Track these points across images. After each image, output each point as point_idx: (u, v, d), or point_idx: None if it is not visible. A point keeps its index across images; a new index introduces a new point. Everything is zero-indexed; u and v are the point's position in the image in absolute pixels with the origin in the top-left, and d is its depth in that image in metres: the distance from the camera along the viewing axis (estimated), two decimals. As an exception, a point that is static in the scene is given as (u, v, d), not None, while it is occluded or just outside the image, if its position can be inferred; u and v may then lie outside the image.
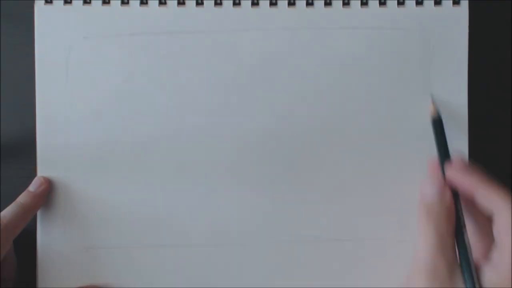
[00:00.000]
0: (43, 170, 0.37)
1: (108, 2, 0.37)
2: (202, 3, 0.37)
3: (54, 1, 0.37)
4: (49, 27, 0.37)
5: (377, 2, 0.37)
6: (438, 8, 0.37)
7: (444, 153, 0.35)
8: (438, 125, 0.35)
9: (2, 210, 0.38)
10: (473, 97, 0.37)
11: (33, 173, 0.37)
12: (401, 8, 0.37)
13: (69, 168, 0.37)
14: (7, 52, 0.39)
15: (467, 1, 0.37)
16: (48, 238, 0.37)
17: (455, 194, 0.33)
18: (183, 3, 0.37)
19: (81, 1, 0.37)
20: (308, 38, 0.37)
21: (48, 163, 0.37)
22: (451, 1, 0.37)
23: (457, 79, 0.37)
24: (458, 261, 0.31)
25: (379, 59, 0.37)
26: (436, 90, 0.37)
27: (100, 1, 0.37)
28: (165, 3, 0.37)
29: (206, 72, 0.37)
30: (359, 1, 0.37)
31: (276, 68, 0.37)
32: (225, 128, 0.37)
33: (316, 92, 0.37)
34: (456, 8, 0.37)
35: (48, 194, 0.37)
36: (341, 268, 0.37)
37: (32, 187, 0.36)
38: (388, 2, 0.37)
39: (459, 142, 0.37)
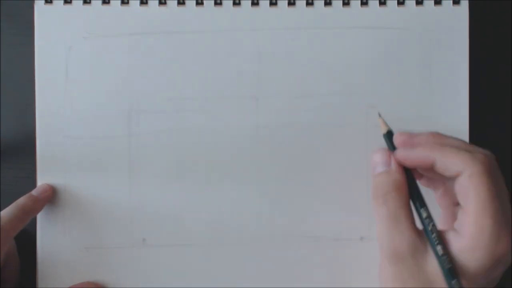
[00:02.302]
0: (43, 170, 0.37)
1: (108, 2, 0.37)
2: (202, 3, 0.37)
3: (54, 1, 0.37)
4: (49, 27, 0.37)
5: (377, 1, 0.37)
6: (438, 7, 0.37)
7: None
8: (389, 138, 0.34)
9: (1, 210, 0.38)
10: (473, 97, 0.37)
11: (33, 173, 0.37)
12: (401, 8, 0.37)
13: (69, 168, 0.37)
14: (7, 52, 0.39)
15: (467, 1, 0.37)
16: (48, 238, 0.37)
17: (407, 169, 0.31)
18: (183, 3, 0.37)
19: (81, 1, 0.37)
20: (308, 38, 0.37)
21: (48, 163, 0.37)
22: (451, 1, 0.37)
23: (458, 78, 0.37)
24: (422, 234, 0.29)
25: (379, 58, 0.37)
26: (436, 89, 0.37)
27: (100, 1, 0.37)
28: (165, 3, 0.37)
29: (206, 72, 0.37)
30: (359, 1, 0.37)
31: (276, 68, 0.37)
32: (225, 128, 0.37)
33: (316, 91, 0.37)
34: (456, 7, 0.37)
35: (48, 202, 0.37)
36: (341, 268, 0.37)
37: (36, 191, 0.36)
38: (388, 2, 0.37)
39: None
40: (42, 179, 0.37)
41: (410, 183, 0.31)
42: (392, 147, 0.32)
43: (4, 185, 0.39)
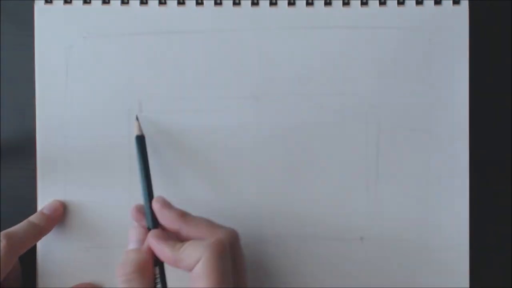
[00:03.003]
0: (43, 170, 0.37)
1: (108, 2, 0.37)
2: (202, 3, 0.37)
3: (54, 1, 0.37)
4: (49, 27, 0.37)
5: (377, 1, 0.37)
6: (438, 7, 0.37)
7: (148, 189, 0.34)
8: (140, 142, 0.35)
9: (2, 212, 0.38)
10: (473, 97, 0.37)
11: (33, 173, 0.37)
12: (401, 8, 0.37)
13: (69, 167, 0.37)
14: (7, 52, 0.39)
15: (467, 1, 0.37)
16: (48, 238, 0.36)
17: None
18: (183, 3, 0.37)
19: (81, 1, 0.37)
20: (308, 38, 0.37)
21: (48, 163, 0.37)
22: (451, 1, 0.37)
23: (458, 78, 0.37)
24: None
25: (379, 58, 0.37)
26: (436, 89, 0.37)
27: (100, 1, 0.37)
28: (165, 3, 0.37)
29: (206, 72, 0.37)
30: (359, 1, 0.37)
31: (276, 68, 0.37)
32: (225, 128, 0.37)
33: (316, 91, 0.37)
34: (456, 7, 0.37)
35: (60, 221, 0.37)
36: (341, 268, 0.37)
37: (47, 210, 0.36)
38: (388, 2, 0.37)
39: (459, 142, 0.37)
40: (42, 179, 0.37)
41: (157, 262, 0.32)
42: (140, 155, 0.34)
43: (4, 185, 0.39)
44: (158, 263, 0.32)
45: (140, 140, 0.35)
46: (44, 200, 0.37)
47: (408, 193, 0.37)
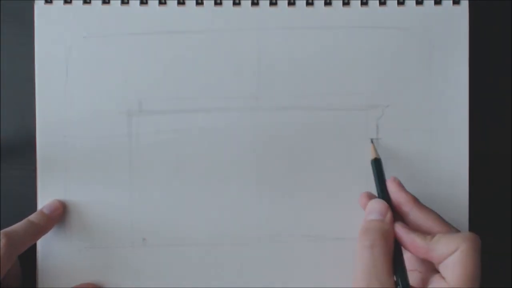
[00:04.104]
0: (43, 170, 0.37)
1: (108, 2, 0.37)
2: (202, 3, 0.37)
3: (54, 1, 0.37)
4: (49, 27, 0.37)
5: (377, 1, 0.37)
6: (438, 7, 0.37)
7: (382, 189, 0.34)
8: (377, 165, 0.35)
9: (2, 212, 0.38)
10: (473, 97, 0.37)
11: (33, 173, 0.37)
12: (401, 8, 0.37)
13: (69, 167, 0.37)
14: (7, 52, 0.39)
15: (467, 1, 0.37)
16: (48, 238, 0.37)
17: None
18: (183, 3, 0.37)
19: (81, 1, 0.37)
20: (308, 38, 0.37)
21: (48, 163, 0.37)
22: (451, 1, 0.37)
23: (458, 78, 0.37)
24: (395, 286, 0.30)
25: (379, 58, 0.37)
26: (436, 89, 0.37)
27: (100, 1, 0.37)
28: (165, 3, 0.37)
29: (206, 72, 0.37)
30: (359, 1, 0.37)
31: (276, 68, 0.37)
32: (225, 128, 0.37)
33: (316, 91, 0.37)
34: (456, 7, 0.37)
35: (60, 221, 0.37)
36: (341, 268, 0.37)
37: (47, 209, 0.36)
38: (388, 2, 0.37)
39: (459, 142, 0.37)
40: (42, 179, 0.37)
41: (396, 241, 0.32)
42: (377, 176, 0.35)
43: (4, 185, 0.39)
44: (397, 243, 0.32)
45: (376, 164, 0.35)
46: (44, 200, 0.37)
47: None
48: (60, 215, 0.37)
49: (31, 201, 0.37)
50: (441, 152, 0.37)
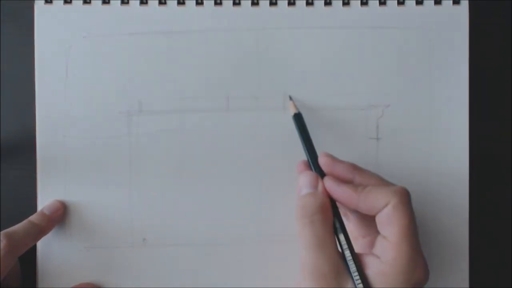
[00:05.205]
0: (43, 170, 0.37)
1: (108, 2, 0.37)
2: (202, 3, 0.37)
3: (54, 1, 0.37)
4: (49, 26, 0.37)
5: (377, 1, 0.37)
6: (438, 7, 0.37)
7: (310, 148, 0.34)
8: (299, 120, 0.35)
9: (2, 212, 0.38)
10: (473, 97, 0.37)
11: (33, 173, 0.37)
12: (401, 8, 0.37)
13: (69, 167, 0.37)
14: (7, 52, 0.39)
15: (467, 1, 0.37)
16: (48, 238, 0.36)
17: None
18: (183, 3, 0.37)
19: (81, 1, 0.37)
20: (308, 38, 0.37)
21: (48, 163, 0.37)
22: (451, 1, 0.37)
23: (458, 78, 0.37)
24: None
25: (379, 58, 0.37)
26: (436, 89, 0.37)
27: (100, 1, 0.37)
28: (165, 2, 0.37)
29: (206, 72, 0.37)
30: (359, 1, 0.37)
31: (276, 68, 0.37)
32: (225, 128, 0.37)
33: (316, 91, 0.37)
34: (456, 7, 0.37)
35: (60, 222, 0.37)
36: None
37: (48, 210, 0.36)
38: (388, 2, 0.37)
39: (459, 142, 0.37)
40: (42, 179, 0.37)
41: (333, 206, 0.32)
42: (300, 131, 0.34)
43: (4, 185, 0.39)
44: (334, 204, 0.32)
45: (298, 117, 0.35)
46: (44, 200, 0.37)
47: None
48: (61, 216, 0.37)
49: (31, 201, 0.37)
50: (441, 152, 0.37)
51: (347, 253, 0.30)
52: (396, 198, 0.29)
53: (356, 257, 0.30)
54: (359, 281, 0.29)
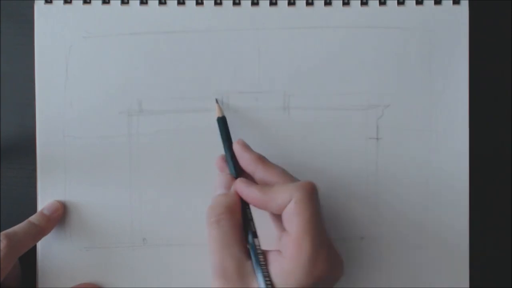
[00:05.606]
0: (43, 170, 0.37)
1: (108, 2, 0.37)
2: (202, 3, 0.37)
3: (54, 1, 0.37)
4: (49, 26, 0.37)
5: (377, 1, 0.37)
6: (438, 7, 0.37)
7: (229, 148, 0.34)
8: (222, 123, 0.35)
9: (2, 212, 0.38)
10: (473, 97, 0.37)
11: (33, 173, 0.37)
12: (401, 8, 0.37)
13: (69, 167, 0.37)
14: (7, 52, 0.39)
15: (467, 1, 0.37)
16: (48, 238, 0.36)
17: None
18: (183, 3, 0.37)
19: (81, 1, 0.37)
20: (308, 38, 0.37)
21: (48, 163, 0.37)
22: (451, 1, 0.37)
23: (458, 78, 0.37)
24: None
25: (379, 58, 0.37)
26: (436, 89, 0.37)
27: (100, 1, 0.37)
28: (165, 2, 0.37)
29: (206, 72, 0.37)
30: (359, 1, 0.37)
31: (275, 68, 0.37)
32: (225, 128, 0.37)
33: (316, 91, 0.37)
34: (456, 7, 0.37)
35: (59, 221, 0.37)
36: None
37: (47, 210, 0.36)
38: (388, 2, 0.37)
39: (459, 142, 0.37)
40: (42, 179, 0.37)
41: (244, 207, 0.32)
42: (224, 135, 0.35)
43: (4, 185, 0.39)
44: (245, 205, 0.32)
45: (222, 121, 0.36)
46: (44, 200, 0.37)
47: (408, 193, 0.37)
48: (60, 216, 0.37)
49: (31, 201, 0.37)
50: (441, 152, 0.37)
51: (251, 252, 0.30)
52: (298, 193, 0.30)
53: (262, 255, 0.30)
54: (261, 280, 0.29)
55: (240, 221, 0.32)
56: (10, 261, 0.33)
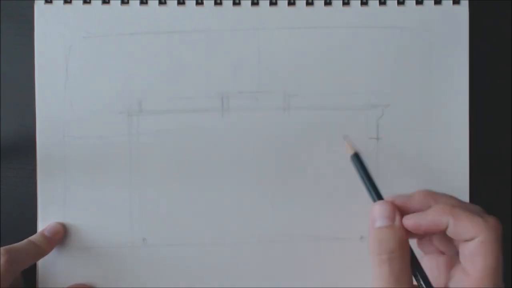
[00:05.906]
0: (43, 170, 0.37)
1: (108, 2, 0.37)
2: (202, 3, 0.37)
3: (54, 1, 0.37)
4: (49, 26, 0.37)
5: (377, 1, 0.37)
6: (438, 7, 0.37)
7: (373, 188, 0.31)
8: (358, 161, 0.32)
9: (2, 212, 0.38)
10: (473, 97, 0.37)
11: (33, 173, 0.37)
12: (401, 7, 0.37)
13: (69, 168, 0.37)
14: (7, 52, 0.39)
15: (467, 1, 0.37)
16: (48, 238, 0.37)
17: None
18: (183, 3, 0.37)
19: (81, 1, 0.37)
20: (308, 38, 0.37)
21: (48, 163, 0.37)
22: (451, 1, 0.37)
23: (458, 78, 0.37)
24: None
25: (379, 58, 0.37)
26: (436, 89, 0.37)
27: (100, 1, 0.37)
28: (165, 2, 0.37)
29: (206, 72, 0.37)
30: (359, 1, 0.37)
31: (276, 68, 0.37)
32: (224, 128, 0.37)
33: (316, 91, 0.37)
34: (456, 7, 0.37)
35: (59, 244, 0.37)
36: (341, 268, 0.37)
37: (48, 232, 0.36)
38: (388, 2, 0.37)
39: (459, 142, 0.37)
40: (42, 179, 0.37)
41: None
42: (362, 170, 0.32)
43: (4, 185, 0.39)
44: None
45: (357, 158, 0.32)
46: (44, 200, 0.37)
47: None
48: (61, 239, 0.37)
49: (31, 201, 0.37)
50: (441, 152, 0.37)
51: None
52: (485, 233, 0.27)
53: None
54: None
55: (410, 258, 0.29)
56: (9, 276, 0.33)
